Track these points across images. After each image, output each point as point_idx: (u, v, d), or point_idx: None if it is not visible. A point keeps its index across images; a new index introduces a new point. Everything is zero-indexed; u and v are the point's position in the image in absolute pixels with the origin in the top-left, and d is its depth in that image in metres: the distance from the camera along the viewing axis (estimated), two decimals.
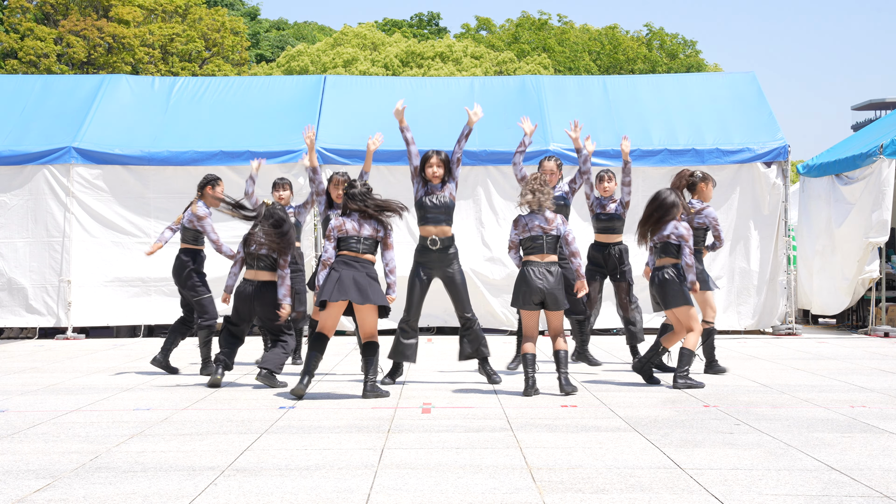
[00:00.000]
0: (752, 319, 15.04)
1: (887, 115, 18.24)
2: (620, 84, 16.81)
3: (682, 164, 15.02)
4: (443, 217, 9.01)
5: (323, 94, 16.20)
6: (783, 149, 15.02)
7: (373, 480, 5.20)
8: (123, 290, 14.78)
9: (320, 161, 14.89)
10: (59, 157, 14.81)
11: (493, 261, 14.92)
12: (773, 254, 15.01)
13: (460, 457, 5.79)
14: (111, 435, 6.60)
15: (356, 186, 8.44)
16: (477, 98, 16.28)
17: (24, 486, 5.13)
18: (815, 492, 4.94)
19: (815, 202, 16.02)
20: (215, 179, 10.29)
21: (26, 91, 16.23)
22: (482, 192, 15.01)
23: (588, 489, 4.99)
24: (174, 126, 15.51)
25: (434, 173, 9.06)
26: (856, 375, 9.79)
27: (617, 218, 10.44)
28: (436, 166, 9.06)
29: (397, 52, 44.16)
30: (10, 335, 15.25)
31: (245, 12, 56.29)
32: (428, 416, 7.28)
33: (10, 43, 36.35)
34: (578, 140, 10.08)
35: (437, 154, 9.12)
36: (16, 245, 14.80)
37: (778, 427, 6.78)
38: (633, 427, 6.79)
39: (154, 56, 37.95)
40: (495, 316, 14.83)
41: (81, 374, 10.13)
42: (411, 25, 60.75)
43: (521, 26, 55.89)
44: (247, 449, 6.07)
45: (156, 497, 4.89)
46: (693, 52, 57.00)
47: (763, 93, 16.29)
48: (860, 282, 14.64)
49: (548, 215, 8.49)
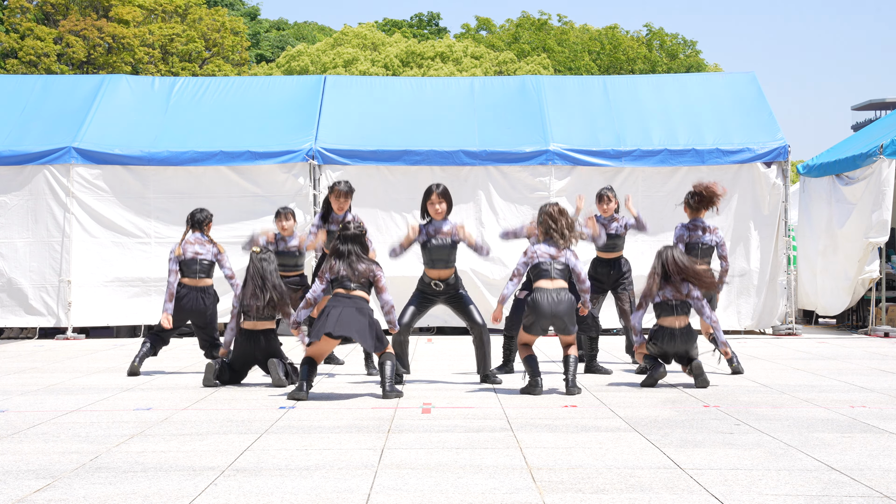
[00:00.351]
0: (752, 320, 15.04)
1: (887, 116, 18.24)
2: (620, 84, 16.80)
3: (682, 164, 15.04)
4: (447, 258, 8.91)
5: (323, 95, 16.20)
6: (783, 149, 15.02)
7: (373, 480, 5.20)
8: (123, 290, 14.78)
9: (319, 161, 14.90)
10: (59, 157, 14.81)
11: (493, 261, 14.92)
12: (774, 254, 15.01)
13: (460, 457, 5.79)
14: (111, 435, 6.60)
15: (349, 228, 8.31)
16: (477, 98, 16.29)
17: (24, 486, 5.13)
18: (816, 492, 4.94)
19: (816, 202, 16.02)
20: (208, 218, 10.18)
21: (26, 91, 16.23)
22: (482, 193, 15.01)
23: (588, 489, 4.99)
24: (174, 126, 15.51)
25: (437, 210, 8.91)
26: (856, 375, 9.79)
27: (619, 237, 10.45)
28: (437, 203, 8.89)
29: (397, 52, 44.17)
30: (10, 335, 15.25)
31: (245, 12, 56.30)
32: (428, 416, 7.28)
33: (10, 43, 36.35)
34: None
35: (437, 188, 8.92)
36: (16, 245, 14.80)
37: (778, 427, 6.78)
38: (633, 427, 6.79)
39: (154, 56, 37.96)
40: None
41: (81, 375, 10.13)
42: (411, 25, 60.76)
43: (522, 26, 55.90)
44: (247, 449, 6.07)
45: (156, 497, 4.88)
46: (693, 53, 57.01)
47: (763, 93, 16.29)
48: (860, 282, 14.65)
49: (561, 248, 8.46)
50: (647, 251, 14.92)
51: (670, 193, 15.04)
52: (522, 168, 14.82)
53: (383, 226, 14.86)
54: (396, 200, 14.96)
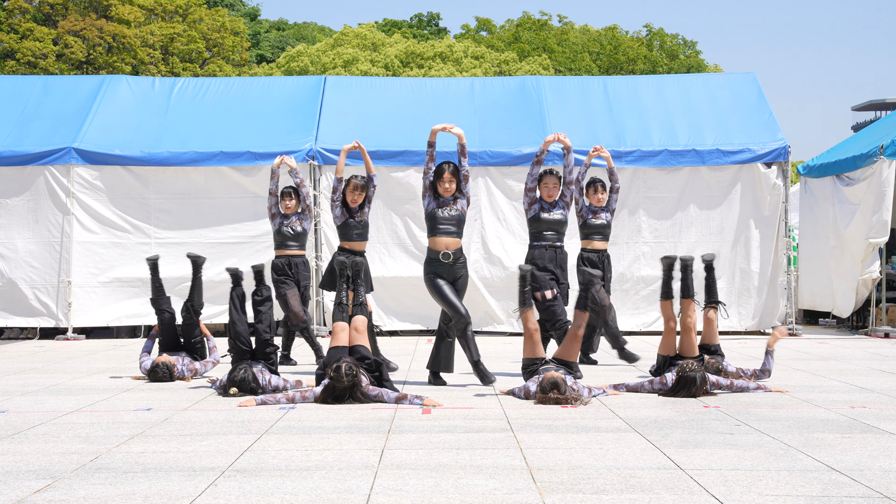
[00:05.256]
0: (752, 320, 15.04)
1: (887, 116, 18.23)
2: (620, 84, 16.80)
3: (682, 164, 15.04)
4: (454, 229, 8.94)
5: (323, 95, 16.20)
6: (783, 149, 15.01)
7: (373, 481, 5.20)
8: (123, 290, 14.78)
9: (320, 161, 14.89)
10: (59, 157, 14.81)
11: (493, 261, 14.93)
12: (774, 254, 15.01)
13: (460, 457, 5.79)
14: (111, 435, 6.60)
15: (341, 378, 7.83)
16: (477, 98, 16.29)
17: (25, 487, 5.13)
18: (816, 492, 4.93)
19: (819, 203, 16.01)
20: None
21: (27, 92, 16.23)
22: (483, 193, 15.01)
23: (588, 490, 4.99)
24: (174, 127, 15.51)
25: (446, 188, 8.97)
26: (856, 376, 9.79)
27: (609, 226, 10.69)
28: (447, 181, 8.95)
29: (397, 52, 44.18)
30: (11, 336, 15.25)
31: (245, 13, 56.32)
32: (428, 417, 7.28)
33: (10, 43, 36.35)
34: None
35: (449, 167, 8.99)
36: (16, 245, 14.80)
37: (778, 427, 6.78)
38: (633, 428, 6.79)
39: (155, 56, 37.96)
40: (494, 317, 14.83)
41: (82, 375, 10.13)
42: (411, 26, 60.77)
43: (522, 26, 55.92)
44: (247, 449, 6.07)
45: (156, 497, 4.89)
46: (693, 53, 57.03)
47: (763, 93, 16.28)
48: (861, 282, 14.64)
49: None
50: (647, 252, 14.96)
51: (670, 194, 15.06)
52: (522, 168, 14.81)
53: (383, 226, 14.87)
54: (396, 200, 14.97)
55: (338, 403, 7.85)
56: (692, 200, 15.08)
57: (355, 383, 7.86)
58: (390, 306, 14.85)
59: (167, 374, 9.41)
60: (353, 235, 9.99)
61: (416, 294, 14.67)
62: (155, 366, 9.44)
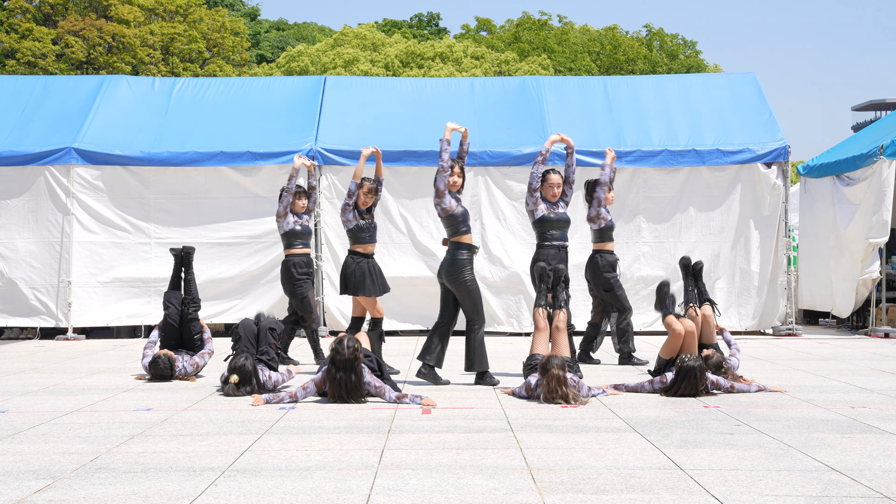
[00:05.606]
0: (752, 320, 15.04)
1: (887, 116, 18.23)
2: (620, 84, 16.80)
3: (682, 164, 15.04)
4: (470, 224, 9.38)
5: (323, 95, 16.20)
6: (783, 149, 15.02)
7: (373, 481, 5.20)
8: (123, 290, 14.78)
9: (320, 162, 14.89)
10: (59, 157, 14.81)
11: (494, 261, 14.92)
12: (774, 254, 15.01)
13: (460, 457, 5.79)
14: (111, 435, 6.60)
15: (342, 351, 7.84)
16: (477, 98, 16.29)
17: (25, 487, 5.13)
18: (816, 492, 4.94)
19: (819, 203, 16.01)
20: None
21: (27, 92, 16.23)
22: (483, 193, 15.01)
23: (588, 490, 4.99)
24: (174, 127, 15.51)
25: (454, 182, 9.28)
26: (856, 376, 9.79)
27: (612, 228, 11.07)
28: (457, 175, 9.31)
29: (397, 52, 44.18)
30: (11, 336, 15.24)
31: (245, 13, 56.32)
32: (428, 417, 7.28)
33: (10, 43, 36.35)
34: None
35: (458, 163, 9.35)
36: (16, 245, 14.80)
37: (778, 428, 6.78)
38: (633, 428, 6.79)
39: (155, 56, 37.96)
40: (495, 317, 14.83)
41: (82, 375, 10.13)
42: (411, 26, 60.78)
43: (522, 26, 55.93)
44: (247, 450, 6.07)
45: (156, 497, 4.89)
46: (693, 53, 57.05)
47: (763, 93, 16.28)
48: (861, 282, 14.64)
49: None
50: (647, 252, 14.96)
51: (670, 194, 15.06)
52: (522, 168, 14.81)
53: (383, 226, 14.86)
54: (396, 200, 14.96)
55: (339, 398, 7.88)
56: (692, 200, 15.07)
57: (356, 357, 7.88)
58: (390, 306, 14.84)
59: (167, 367, 9.42)
60: (366, 238, 10.09)
61: (416, 294, 14.68)
62: (156, 357, 9.46)
